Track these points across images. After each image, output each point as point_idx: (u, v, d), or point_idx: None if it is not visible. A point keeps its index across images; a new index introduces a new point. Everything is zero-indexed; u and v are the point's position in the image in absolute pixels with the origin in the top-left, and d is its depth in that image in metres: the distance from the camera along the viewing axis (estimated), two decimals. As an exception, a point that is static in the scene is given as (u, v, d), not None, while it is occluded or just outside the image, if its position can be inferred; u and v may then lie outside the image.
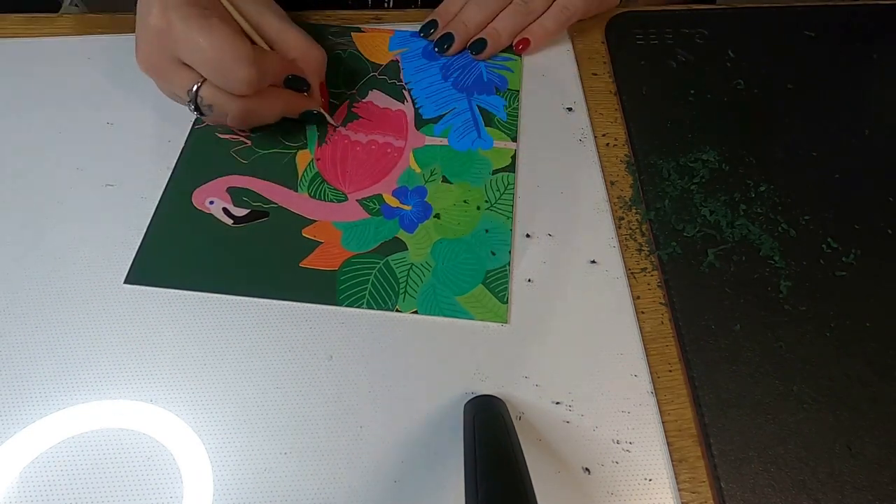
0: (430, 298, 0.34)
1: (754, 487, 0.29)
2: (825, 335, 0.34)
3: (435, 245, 0.36)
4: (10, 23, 0.46)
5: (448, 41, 0.44)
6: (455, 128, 0.41)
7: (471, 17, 0.44)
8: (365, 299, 0.34)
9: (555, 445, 0.31)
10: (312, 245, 0.36)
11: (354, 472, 0.30)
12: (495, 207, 0.38)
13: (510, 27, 0.44)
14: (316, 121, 0.40)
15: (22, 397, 0.31)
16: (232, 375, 0.32)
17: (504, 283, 0.35)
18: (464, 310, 0.34)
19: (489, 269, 0.35)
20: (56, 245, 0.36)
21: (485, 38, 0.44)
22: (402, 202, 0.38)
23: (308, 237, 0.36)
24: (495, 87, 0.44)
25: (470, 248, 0.36)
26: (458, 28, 0.44)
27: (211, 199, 0.38)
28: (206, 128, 0.41)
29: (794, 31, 0.47)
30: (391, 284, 0.35)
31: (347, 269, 0.35)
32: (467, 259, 0.36)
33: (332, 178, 0.39)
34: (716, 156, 0.40)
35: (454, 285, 0.35)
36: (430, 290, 0.35)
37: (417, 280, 0.35)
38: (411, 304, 0.34)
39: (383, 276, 0.35)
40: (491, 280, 0.35)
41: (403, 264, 0.35)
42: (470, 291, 0.35)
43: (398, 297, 0.34)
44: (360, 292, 0.34)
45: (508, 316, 0.34)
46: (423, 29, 0.46)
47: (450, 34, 0.44)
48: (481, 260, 0.36)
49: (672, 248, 0.36)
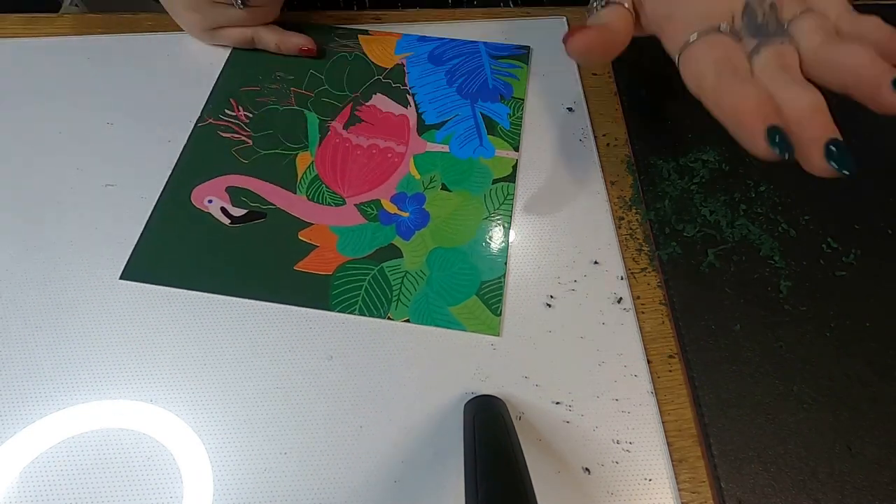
0: (422, 308, 0.34)
1: (754, 487, 0.29)
2: (825, 335, 0.34)
3: (431, 253, 0.36)
4: (10, 23, 0.46)
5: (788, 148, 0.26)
6: (457, 135, 0.41)
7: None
8: (357, 306, 0.34)
9: (555, 445, 0.31)
10: (308, 248, 0.36)
11: (354, 472, 0.30)
12: (493, 218, 0.38)
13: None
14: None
15: (22, 397, 0.31)
16: (232, 375, 0.32)
17: (498, 296, 0.35)
18: (456, 321, 0.34)
19: (484, 280, 0.35)
20: (55, 244, 0.36)
21: None
22: (399, 208, 0.38)
23: (304, 240, 0.36)
24: (500, 94, 0.43)
25: (466, 259, 0.36)
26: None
27: (210, 198, 0.38)
28: (208, 125, 0.41)
29: (794, 31, 0.47)
30: (384, 292, 0.35)
31: (341, 275, 0.35)
32: (462, 269, 0.36)
33: (331, 181, 0.39)
34: (716, 156, 0.40)
35: (448, 295, 0.35)
36: (423, 299, 0.34)
37: (411, 288, 0.35)
38: (403, 313, 0.34)
39: (377, 283, 0.35)
40: (485, 292, 0.35)
41: (398, 272, 0.35)
42: (463, 302, 0.34)
43: (391, 304, 0.34)
44: (352, 298, 0.34)
45: (501, 329, 0.34)
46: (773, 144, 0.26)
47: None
48: (476, 271, 0.36)
49: (672, 248, 0.36)
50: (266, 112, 0.42)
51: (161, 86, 0.43)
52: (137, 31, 0.46)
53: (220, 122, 0.41)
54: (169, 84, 0.43)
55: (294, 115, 0.42)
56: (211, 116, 0.41)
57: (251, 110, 0.42)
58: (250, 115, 0.41)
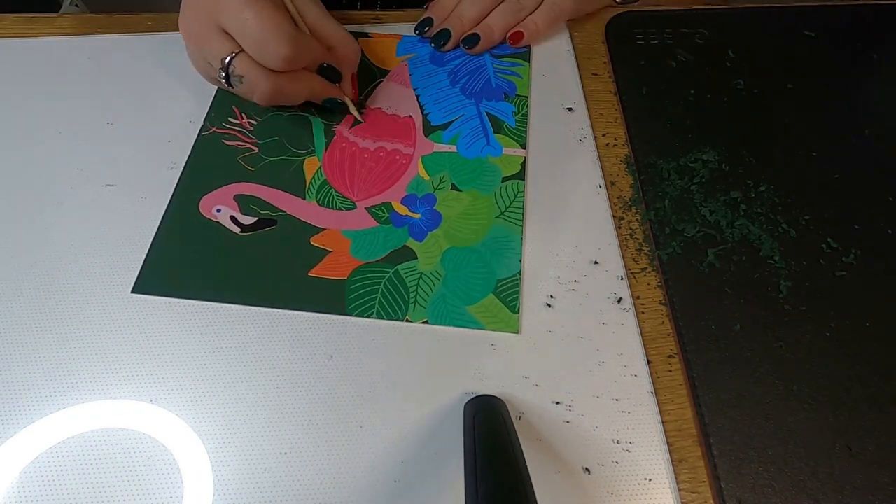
0: (440, 308, 0.34)
1: (754, 487, 0.29)
2: (825, 335, 0.34)
3: (445, 254, 0.36)
4: (10, 23, 0.46)
5: (444, 37, 0.45)
6: (464, 135, 0.41)
7: (466, 12, 0.45)
8: (375, 309, 0.34)
9: (555, 445, 0.31)
10: (321, 254, 0.36)
11: (354, 472, 0.30)
12: (505, 216, 0.38)
13: (502, 24, 0.45)
14: (339, 109, 0.41)
15: (22, 397, 0.31)
16: (232, 375, 0.32)
17: (515, 293, 0.35)
18: (475, 320, 0.34)
19: (500, 278, 0.35)
20: (56, 246, 0.36)
21: (478, 34, 0.45)
22: (411, 210, 0.38)
23: (316, 246, 0.36)
24: (504, 93, 0.43)
25: (480, 257, 0.36)
26: (455, 23, 0.45)
27: (218, 207, 0.37)
28: (212, 134, 0.41)
29: (794, 31, 0.47)
30: (401, 294, 0.34)
31: (356, 279, 0.35)
32: (477, 268, 0.35)
33: (340, 185, 0.39)
34: (716, 156, 0.40)
35: (465, 295, 0.35)
36: (440, 299, 0.34)
37: (427, 289, 0.35)
38: (421, 314, 0.34)
39: (393, 286, 0.35)
40: (502, 290, 0.35)
41: (413, 273, 0.35)
42: (480, 301, 0.34)
43: (408, 306, 0.34)
44: (369, 302, 0.34)
45: (520, 326, 0.34)
46: (419, 27, 0.46)
47: (446, 30, 0.45)
48: (492, 269, 0.35)
49: (672, 248, 0.36)
50: (270, 118, 0.41)
51: (161, 85, 0.43)
52: (137, 31, 0.46)
53: (224, 130, 0.41)
54: (169, 83, 0.43)
55: (298, 120, 0.41)
56: (214, 125, 0.41)
57: (255, 117, 0.41)
58: (254, 123, 0.41)
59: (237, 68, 0.36)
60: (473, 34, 0.45)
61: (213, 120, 0.41)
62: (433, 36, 0.45)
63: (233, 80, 0.36)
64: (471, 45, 0.45)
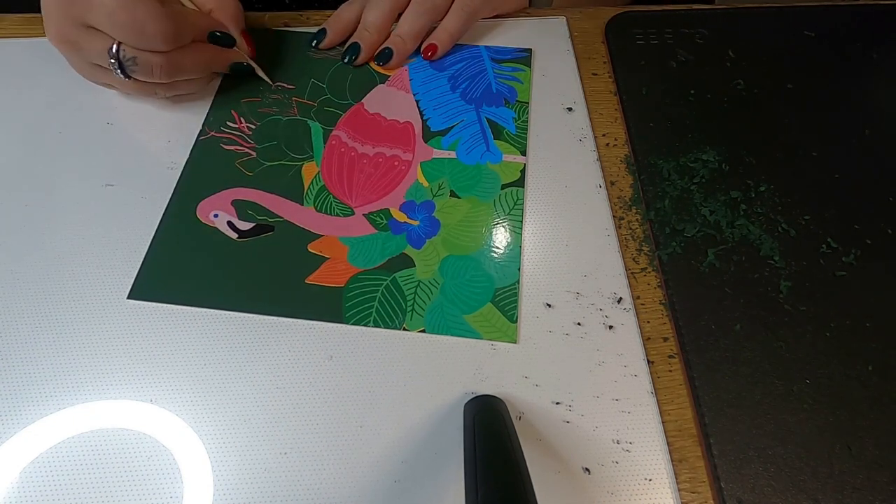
0: (437, 317, 0.34)
1: (754, 487, 0.29)
2: (825, 335, 0.34)
3: (443, 262, 0.36)
4: (10, 23, 0.46)
5: (354, 51, 0.44)
6: (463, 141, 0.41)
7: (372, 22, 0.43)
8: (372, 317, 0.34)
9: (555, 445, 0.31)
10: (318, 261, 0.36)
11: (354, 472, 0.30)
12: (504, 223, 0.37)
13: (414, 31, 0.43)
14: (248, 72, 0.41)
15: (22, 397, 0.31)
16: (232, 376, 0.32)
17: (513, 302, 0.34)
18: (472, 329, 0.34)
19: (498, 287, 0.35)
20: (56, 246, 0.36)
21: (390, 48, 0.43)
22: (409, 217, 0.37)
23: (314, 252, 0.36)
24: (504, 98, 0.43)
25: (478, 266, 0.36)
26: (362, 35, 0.43)
27: (216, 212, 0.37)
28: (210, 139, 0.40)
29: (794, 31, 0.47)
30: (398, 302, 0.34)
31: (354, 287, 0.35)
32: (476, 276, 0.35)
33: (338, 191, 0.38)
34: (716, 156, 0.40)
35: (462, 304, 0.34)
36: (437, 308, 0.34)
37: (425, 298, 0.34)
38: (419, 323, 0.34)
39: (390, 294, 0.34)
40: (500, 298, 0.34)
41: (411, 281, 0.35)
42: (478, 310, 0.34)
43: (405, 315, 0.34)
44: (366, 310, 0.34)
45: (518, 335, 0.34)
46: (315, 38, 0.44)
47: (355, 44, 0.43)
48: (490, 278, 0.35)
49: (672, 248, 0.36)
50: (268, 123, 0.41)
51: (161, 86, 0.43)
52: (137, 31, 0.46)
53: (222, 134, 0.41)
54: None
55: (297, 125, 0.41)
56: (213, 129, 0.41)
57: (253, 121, 0.41)
58: (252, 127, 0.41)
59: (127, 52, 0.34)
60: (385, 49, 0.43)
61: (211, 124, 0.41)
62: (342, 52, 0.44)
63: (127, 67, 0.35)
64: (384, 60, 0.43)
